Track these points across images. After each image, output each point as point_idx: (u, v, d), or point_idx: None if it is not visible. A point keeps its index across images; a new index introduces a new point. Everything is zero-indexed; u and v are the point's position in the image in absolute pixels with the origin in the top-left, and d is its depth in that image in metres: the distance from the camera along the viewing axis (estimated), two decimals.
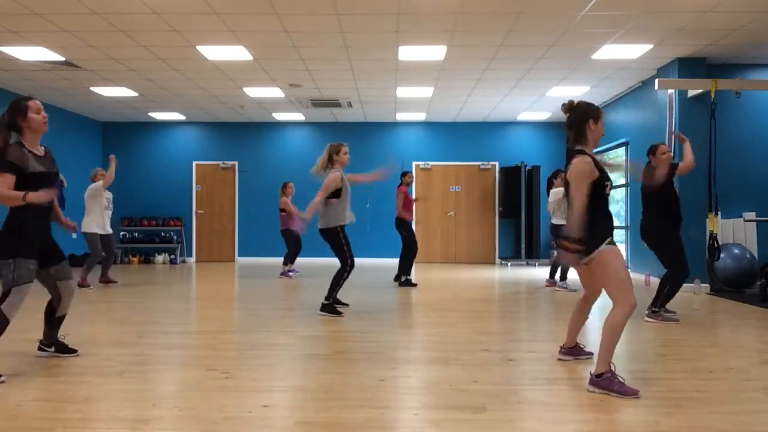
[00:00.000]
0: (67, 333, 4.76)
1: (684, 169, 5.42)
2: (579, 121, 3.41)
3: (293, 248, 9.37)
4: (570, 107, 3.48)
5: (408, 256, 8.21)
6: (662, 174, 5.17)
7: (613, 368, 3.14)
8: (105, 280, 8.07)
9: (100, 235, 7.76)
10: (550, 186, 8.11)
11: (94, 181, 7.88)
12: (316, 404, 2.98)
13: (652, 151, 5.49)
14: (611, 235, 3.30)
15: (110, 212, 8.00)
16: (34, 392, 3.15)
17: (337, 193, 5.55)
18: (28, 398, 3.04)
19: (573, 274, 8.00)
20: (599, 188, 3.30)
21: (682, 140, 5.51)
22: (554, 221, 7.81)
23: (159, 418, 2.76)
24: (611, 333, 3.16)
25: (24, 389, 3.20)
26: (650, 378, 3.48)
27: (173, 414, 2.84)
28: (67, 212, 8.33)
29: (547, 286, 8.09)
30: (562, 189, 7.74)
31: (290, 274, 9.38)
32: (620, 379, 3.12)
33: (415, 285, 8.08)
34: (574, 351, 3.88)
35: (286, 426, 2.68)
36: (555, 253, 8.31)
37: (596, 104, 10.81)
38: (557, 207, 7.75)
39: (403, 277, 8.20)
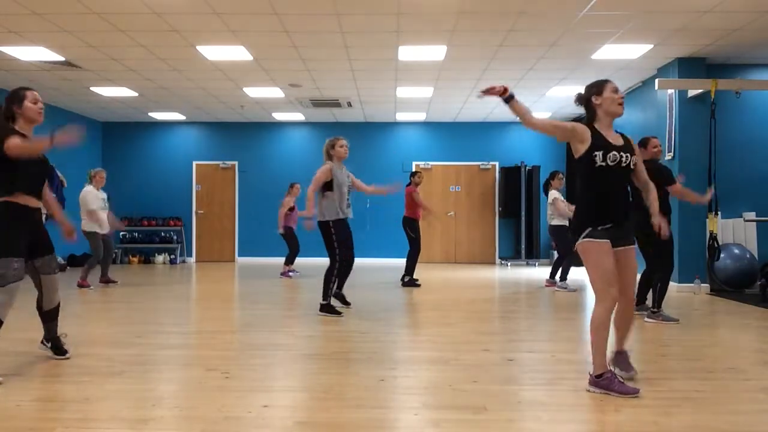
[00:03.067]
0: (67, 333, 4.77)
1: (675, 192, 5.26)
2: (586, 101, 3.31)
3: (294, 248, 9.38)
4: (579, 96, 3.38)
5: (412, 256, 8.20)
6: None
7: (611, 368, 3.14)
8: (105, 280, 8.07)
9: (102, 235, 7.77)
10: (547, 188, 8.12)
11: (92, 182, 7.88)
12: (316, 404, 2.98)
13: (644, 143, 5.28)
14: (599, 225, 3.12)
15: (107, 212, 8.01)
16: (34, 392, 3.15)
17: (329, 186, 5.55)
18: (28, 398, 3.04)
19: (573, 275, 8.00)
20: (588, 159, 3.13)
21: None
22: (553, 223, 7.84)
23: (159, 418, 2.76)
24: (596, 330, 3.11)
25: (24, 389, 3.20)
26: (650, 378, 3.48)
27: (173, 414, 2.84)
28: (67, 212, 8.40)
29: (546, 286, 8.09)
30: (557, 192, 7.81)
31: (290, 274, 9.38)
32: (620, 378, 3.12)
33: (418, 285, 8.08)
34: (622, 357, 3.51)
35: (286, 426, 2.68)
36: (555, 253, 8.29)
37: None
38: (552, 210, 7.82)
39: (406, 278, 8.19)
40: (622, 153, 3.18)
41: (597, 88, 3.28)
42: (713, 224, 7.17)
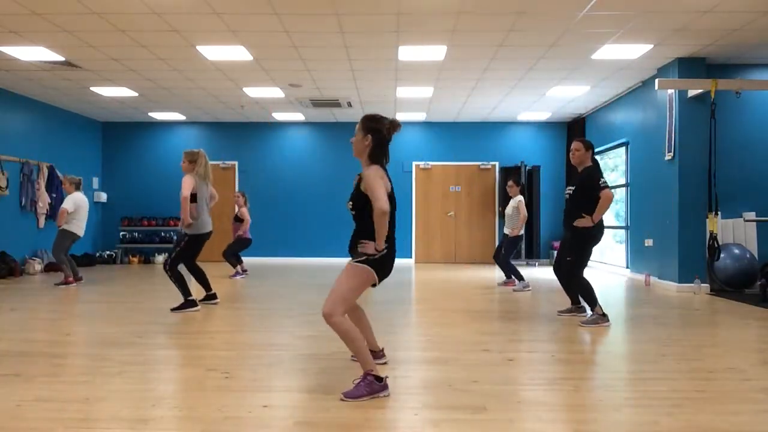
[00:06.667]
0: (66, 333, 4.78)
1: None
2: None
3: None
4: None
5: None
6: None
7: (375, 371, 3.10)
8: (77, 279, 8.21)
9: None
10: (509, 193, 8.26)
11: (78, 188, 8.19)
12: (316, 404, 2.98)
13: None
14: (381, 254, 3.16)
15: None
16: (34, 392, 3.15)
17: (192, 198, 5.97)
18: (28, 398, 3.04)
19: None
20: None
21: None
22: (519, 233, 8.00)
23: (159, 418, 2.76)
24: (343, 339, 3.13)
25: (24, 389, 3.20)
26: (650, 378, 3.48)
27: (173, 414, 2.84)
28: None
29: (506, 285, 8.16)
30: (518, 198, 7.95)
31: (244, 274, 9.32)
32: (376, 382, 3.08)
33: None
34: (376, 356, 3.69)
35: (286, 426, 2.68)
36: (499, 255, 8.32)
37: (595, 104, 10.90)
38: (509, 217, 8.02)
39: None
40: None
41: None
42: (713, 224, 7.17)
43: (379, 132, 3.24)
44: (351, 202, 3.24)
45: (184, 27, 6.54)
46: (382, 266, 3.20)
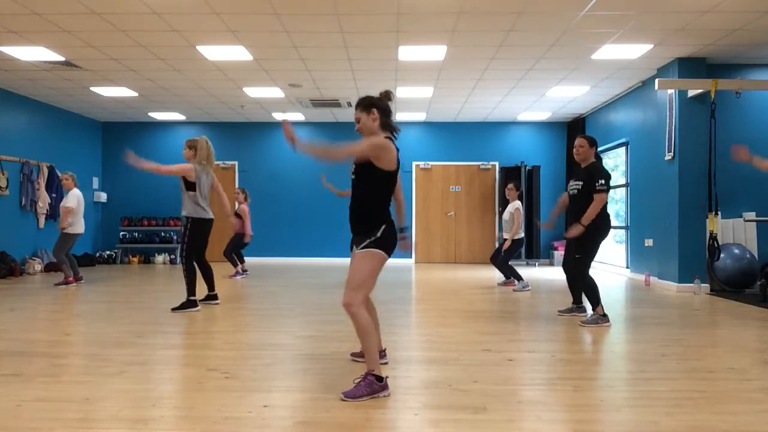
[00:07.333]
0: (66, 333, 4.78)
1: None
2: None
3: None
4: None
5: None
6: None
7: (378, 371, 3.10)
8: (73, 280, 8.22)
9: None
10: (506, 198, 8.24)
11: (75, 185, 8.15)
12: (316, 404, 2.98)
13: None
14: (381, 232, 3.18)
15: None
16: (34, 392, 3.15)
17: (192, 186, 5.97)
18: (28, 398, 3.04)
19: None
20: (387, 178, 3.21)
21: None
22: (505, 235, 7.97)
23: (159, 418, 2.76)
24: (359, 333, 3.12)
25: (24, 389, 3.20)
26: (650, 378, 3.48)
27: (173, 414, 2.84)
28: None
29: (506, 285, 8.16)
30: (516, 203, 7.90)
31: (244, 274, 9.35)
32: (376, 382, 3.08)
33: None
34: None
35: (286, 426, 2.68)
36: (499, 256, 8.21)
37: (596, 104, 10.88)
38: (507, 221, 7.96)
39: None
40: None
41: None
42: (713, 224, 7.17)
43: (379, 103, 3.31)
44: (354, 166, 3.28)
45: (184, 27, 6.54)
46: (387, 243, 3.20)
